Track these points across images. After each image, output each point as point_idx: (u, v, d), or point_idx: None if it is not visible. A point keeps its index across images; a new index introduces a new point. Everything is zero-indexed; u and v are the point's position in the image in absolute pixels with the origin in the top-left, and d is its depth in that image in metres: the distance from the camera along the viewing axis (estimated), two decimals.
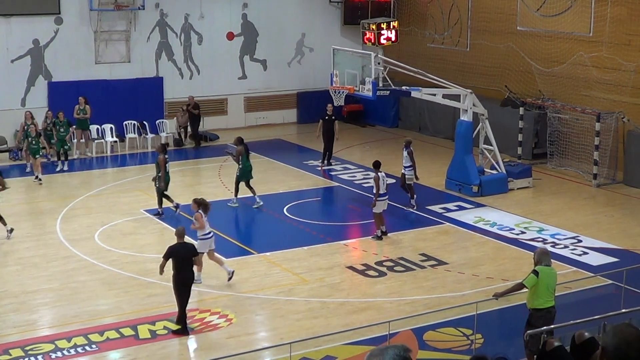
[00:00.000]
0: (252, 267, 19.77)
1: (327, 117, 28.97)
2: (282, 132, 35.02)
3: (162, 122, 33.14)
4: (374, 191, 21.79)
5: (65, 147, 29.12)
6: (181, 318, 16.40)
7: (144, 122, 32.78)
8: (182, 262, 16.43)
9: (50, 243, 21.45)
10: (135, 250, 20.89)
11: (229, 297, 18.04)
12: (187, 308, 16.83)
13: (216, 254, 19.01)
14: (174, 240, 21.47)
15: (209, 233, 18.77)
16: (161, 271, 16.75)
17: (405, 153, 24.48)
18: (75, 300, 17.86)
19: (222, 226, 22.83)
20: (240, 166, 24.51)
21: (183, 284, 16.38)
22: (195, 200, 19.22)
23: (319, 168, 28.08)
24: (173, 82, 34.36)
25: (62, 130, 28.99)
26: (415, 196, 24.38)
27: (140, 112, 33.02)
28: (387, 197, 21.95)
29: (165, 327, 16.55)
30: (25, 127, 27.73)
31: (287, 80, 36.65)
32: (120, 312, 17.35)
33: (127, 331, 16.41)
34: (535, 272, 14.09)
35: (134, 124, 32.54)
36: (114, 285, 18.70)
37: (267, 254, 20.72)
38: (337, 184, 26.97)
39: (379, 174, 21.81)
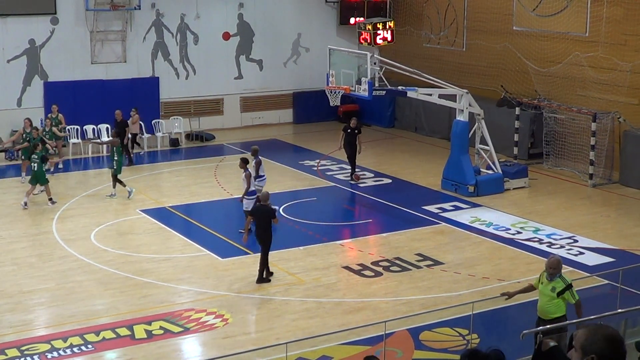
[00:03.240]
0: (248, 267, 19.74)
1: (349, 130, 27.29)
2: (278, 132, 35.02)
3: (158, 122, 33.11)
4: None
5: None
6: (260, 269, 18.59)
7: (140, 122, 32.70)
8: (260, 221, 18.60)
9: (46, 243, 21.43)
10: (131, 250, 20.87)
11: (225, 297, 18.03)
12: (183, 308, 17.08)
13: None
14: (169, 240, 21.62)
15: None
16: (246, 230, 19.42)
17: (252, 163, 22.73)
18: (71, 300, 17.84)
19: (218, 226, 22.86)
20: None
21: (259, 240, 18.68)
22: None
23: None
24: (169, 82, 34.34)
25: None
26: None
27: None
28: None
29: (161, 327, 16.53)
30: (24, 135, 27.18)
31: (283, 80, 36.65)
32: (116, 312, 17.33)
33: (123, 331, 16.39)
34: (570, 286, 14.07)
35: None
36: (110, 285, 18.68)
37: None
38: (333, 184, 26.96)
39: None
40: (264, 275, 18.87)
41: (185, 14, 34.47)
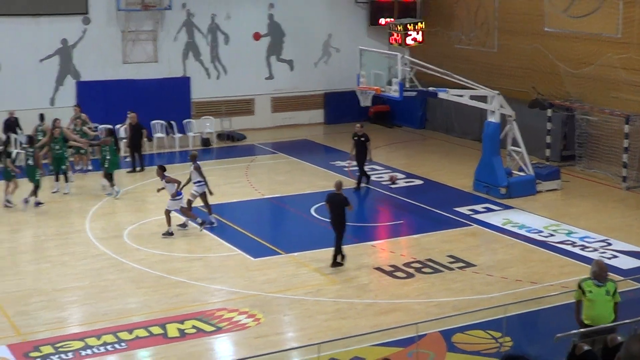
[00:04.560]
0: (280, 268, 19.79)
1: (355, 138, 26.45)
2: (308, 132, 35.05)
3: (189, 122, 33.24)
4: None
5: (63, 166, 26.23)
6: (334, 254, 19.66)
7: (171, 122, 32.90)
8: (333, 207, 19.64)
9: (80, 241, 21.57)
10: (163, 250, 20.96)
11: (257, 297, 18.07)
12: (215, 307, 17.27)
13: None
14: (201, 240, 21.72)
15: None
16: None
17: (192, 168, 22.84)
18: (105, 299, 17.95)
19: (249, 226, 22.91)
20: None
21: (334, 227, 19.65)
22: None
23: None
24: (200, 82, 34.48)
25: (57, 147, 26.12)
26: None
27: (168, 112, 33.15)
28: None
29: (193, 326, 16.58)
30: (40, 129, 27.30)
31: (313, 81, 36.67)
32: (149, 310, 17.41)
33: (156, 330, 16.47)
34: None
35: (162, 124, 32.67)
36: (143, 284, 18.78)
37: (295, 254, 20.74)
38: (365, 185, 26.92)
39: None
40: (339, 259, 19.78)
41: (215, 14, 34.58)
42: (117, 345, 15.80)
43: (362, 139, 26.21)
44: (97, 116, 30.16)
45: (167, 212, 21.98)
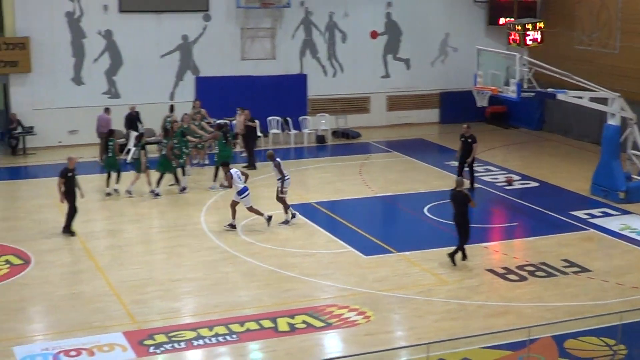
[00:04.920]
0: (391, 266, 19.79)
1: (462, 139, 26.04)
2: (423, 131, 34.92)
3: (305, 118, 33.50)
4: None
5: (181, 160, 25.97)
6: (457, 250, 19.85)
7: (287, 118, 33.22)
8: (457, 206, 19.68)
9: (195, 234, 21.99)
10: (276, 244, 21.19)
11: (368, 295, 18.10)
12: (326, 303, 17.44)
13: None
14: (314, 236, 21.88)
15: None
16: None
17: (272, 167, 23.18)
18: (218, 291, 18.25)
19: (362, 223, 22.95)
20: None
21: (458, 225, 19.77)
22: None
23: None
24: (317, 79, 34.71)
25: (174, 142, 25.89)
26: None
27: (284, 108, 33.49)
28: None
29: (304, 321, 16.71)
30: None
31: (430, 80, 36.52)
32: (261, 304, 17.63)
33: (267, 323, 16.66)
34: None
35: (278, 120, 33.01)
36: (255, 278, 19.02)
37: (407, 253, 20.69)
38: (479, 186, 26.68)
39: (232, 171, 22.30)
40: (456, 258, 19.89)
41: (333, 12, 34.76)
42: (228, 337, 16.05)
43: (469, 140, 25.85)
44: (215, 111, 30.64)
45: (234, 206, 22.23)
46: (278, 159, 23.02)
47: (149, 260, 20.19)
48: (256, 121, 29.89)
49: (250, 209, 22.29)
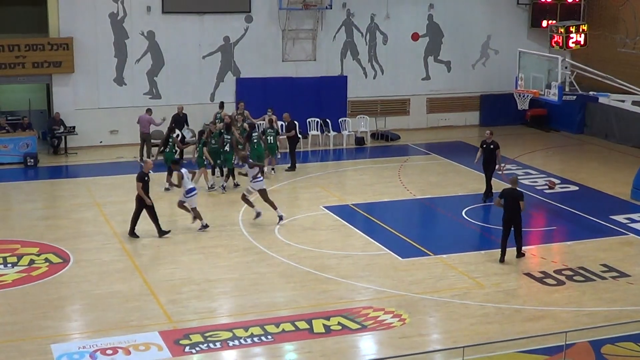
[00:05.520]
0: (427, 269, 19.74)
1: (484, 145, 25.14)
2: (463, 134, 34.77)
3: (345, 120, 33.50)
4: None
5: (218, 160, 26.83)
6: (518, 247, 20.28)
7: (327, 119, 33.24)
8: (509, 204, 19.94)
9: (232, 234, 22.08)
10: (313, 246, 21.22)
11: (404, 297, 18.07)
12: (362, 306, 17.42)
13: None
14: (351, 238, 21.88)
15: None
16: (498, 204, 20.47)
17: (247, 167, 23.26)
18: (254, 291, 18.31)
19: (399, 226, 22.91)
20: None
21: (512, 223, 19.99)
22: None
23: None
24: (357, 81, 34.71)
25: (213, 142, 26.64)
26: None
27: (324, 110, 33.54)
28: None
29: (339, 323, 16.71)
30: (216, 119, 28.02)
31: (470, 82, 36.37)
32: (296, 305, 17.66)
33: (302, 324, 16.69)
34: None
35: (317, 122, 33.06)
36: (291, 279, 19.06)
37: (444, 256, 20.63)
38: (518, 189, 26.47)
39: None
40: (517, 254, 20.36)
41: (375, 14, 34.74)
42: (263, 338, 16.10)
43: (492, 146, 25.00)
44: (255, 113, 30.72)
45: (181, 205, 22.48)
46: (251, 160, 23.46)
47: (186, 260, 20.31)
48: (296, 122, 29.93)
49: (194, 210, 22.39)
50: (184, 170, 22.54)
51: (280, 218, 22.90)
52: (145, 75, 32.31)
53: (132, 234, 21.66)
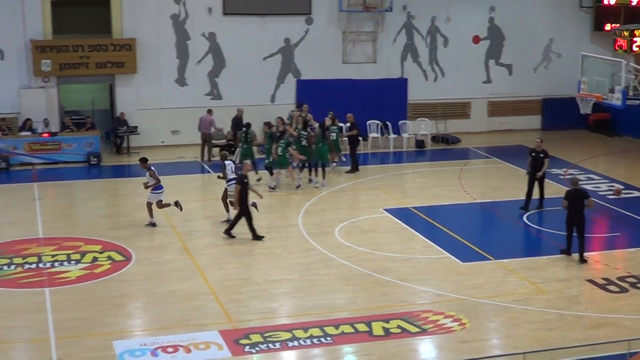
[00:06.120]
0: (488, 273, 19.60)
1: (533, 154, 24.31)
2: (524, 138, 34.42)
3: (405, 123, 33.42)
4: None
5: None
6: (581, 249, 20.30)
7: (387, 122, 33.19)
8: (574, 203, 20.13)
9: (293, 235, 22.14)
10: (373, 248, 21.19)
11: (464, 302, 17.96)
12: (421, 309, 17.38)
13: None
14: (411, 241, 21.81)
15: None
16: (565, 207, 20.39)
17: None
18: (313, 293, 18.34)
19: (459, 230, 22.78)
20: None
21: (569, 222, 20.28)
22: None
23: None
24: (417, 83, 34.62)
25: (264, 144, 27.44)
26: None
27: (384, 112, 33.51)
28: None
29: (399, 326, 16.67)
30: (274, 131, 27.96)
31: (532, 86, 36.06)
32: (355, 307, 17.65)
33: (362, 327, 16.67)
34: None
35: (377, 124, 33.02)
36: (351, 281, 19.05)
37: (505, 260, 20.46)
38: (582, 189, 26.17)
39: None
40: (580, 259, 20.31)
41: (435, 17, 34.62)
42: (323, 339, 16.11)
43: (541, 155, 24.17)
44: (316, 114, 30.76)
45: (149, 205, 22.84)
46: (229, 161, 23.32)
47: (247, 260, 20.42)
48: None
49: (160, 204, 22.76)
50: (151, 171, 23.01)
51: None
52: (206, 76, 32.57)
53: (257, 237, 21.67)
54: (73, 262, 19.97)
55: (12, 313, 17.14)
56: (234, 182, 22.14)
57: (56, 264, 19.82)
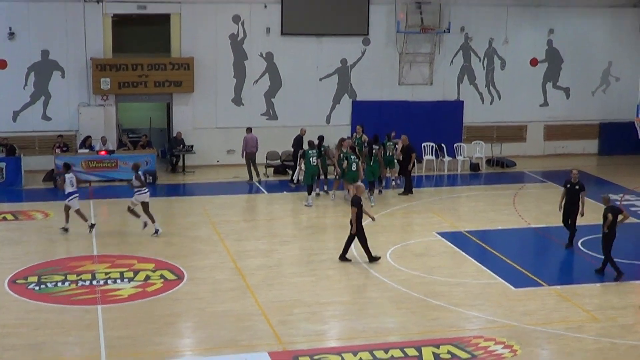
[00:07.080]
0: (540, 300, 19.38)
1: (568, 185, 23.04)
2: (581, 162, 34.10)
3: (460, 145, 33.28)
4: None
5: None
6: (614, 267, 20.68)
7: (442, 144, 33.09)
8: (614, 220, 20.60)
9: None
10: (425, 272, 21.09)
11: (515, 328, 17.78)
12: (472, 335, 17.20)
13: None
14: (463, 265, 21.68)
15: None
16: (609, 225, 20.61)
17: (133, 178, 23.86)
18: (364, 316, 18.28)
19: (513, 255, 22.58)
20: None
21: (607, 238, 20.72)
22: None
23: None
24: (473, 106, 34.50)
25: (312, 159, 27.65)
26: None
27: (439, 134, 33.41)
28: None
29: (449, 352, 16.54)
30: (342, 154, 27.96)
31: (590, 110, 35.75)
32: (406, 331, 17.56)
33: (411, 351, 16.57)
34: None
35: (432, 146, 32.93)
36: (402, 305, 18.96)
37: (558, 287, 20.23)
38: (637, 222, 25.84)
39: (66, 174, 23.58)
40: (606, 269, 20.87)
41: (493, 38, 34.50)
42: None
43: (577, 187, 23.00)
44: (370, 136, 30.77)
45: (67, 209, 23.74)
46: (140, 172, 24.00)
47: (298, 281, 20.43)
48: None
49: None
50: (68, 175, 23.53)
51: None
52: (262, 96, 32.78)
53: (372, 259, 21.67)
54: (126, 280, 20.17)
55: (65, 329, 17.34)
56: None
57: (109, 281, 20.05)
